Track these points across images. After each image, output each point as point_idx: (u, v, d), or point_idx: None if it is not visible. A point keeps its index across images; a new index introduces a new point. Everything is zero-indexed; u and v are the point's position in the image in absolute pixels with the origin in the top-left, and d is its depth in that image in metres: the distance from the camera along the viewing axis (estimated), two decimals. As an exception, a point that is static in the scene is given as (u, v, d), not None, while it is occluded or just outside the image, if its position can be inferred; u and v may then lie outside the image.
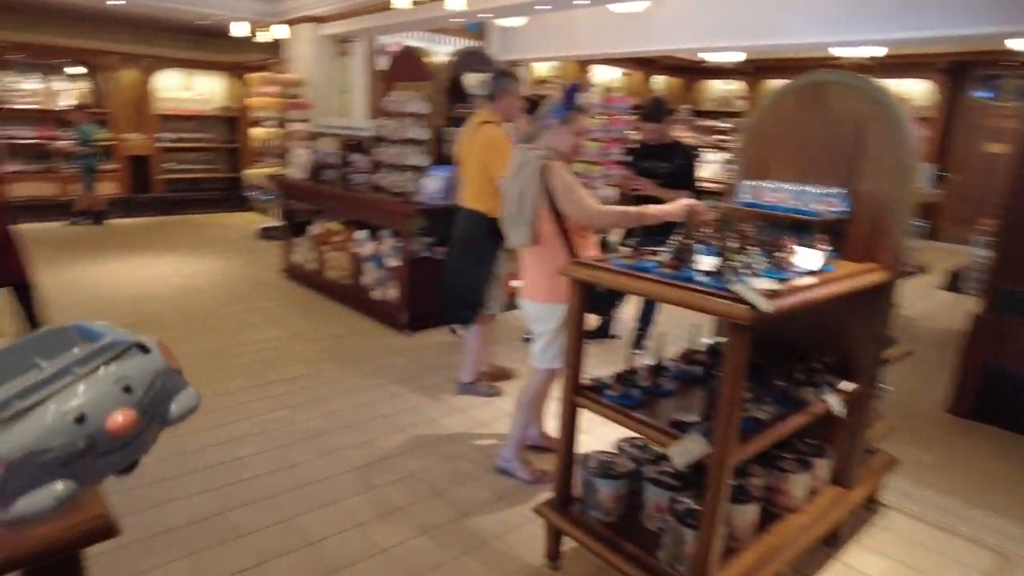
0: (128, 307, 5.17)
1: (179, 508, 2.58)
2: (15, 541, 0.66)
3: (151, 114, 9.52)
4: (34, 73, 8.84)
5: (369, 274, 5.08)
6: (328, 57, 8.64)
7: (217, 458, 2.96)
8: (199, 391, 0.87)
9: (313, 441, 3.15)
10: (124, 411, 0.30)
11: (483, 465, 2.97)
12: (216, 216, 9.55)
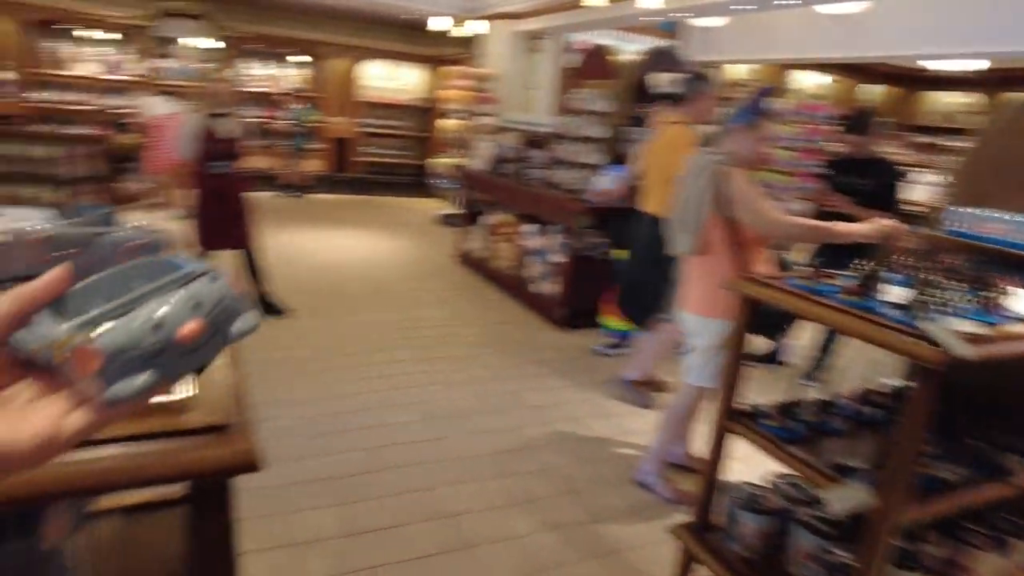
0: (318, 273, 5.73)
1: (333, 461, 2.81)
2: (177, 460, 0.76)
3: (355, 100, 10.43)
4: (268, 61, 10.06)
5: (532, 267, 5.18)
6: (519, 53, 8.90)
7: (374, 420, 3.19)
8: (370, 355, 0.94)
9: (462, 419, 3.27)
10: (193, 321, 0.36)
11: (622, 474, 2.90)
12: (403, 199, 10.27)
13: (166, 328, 0.37)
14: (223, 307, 0.41)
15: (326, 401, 3.37)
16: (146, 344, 0.37)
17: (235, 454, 0.82)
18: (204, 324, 0.39)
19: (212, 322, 0.40)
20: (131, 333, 0.36)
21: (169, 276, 0.40)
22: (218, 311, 0.40)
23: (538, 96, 8.82)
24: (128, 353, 0.36)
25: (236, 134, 4.26)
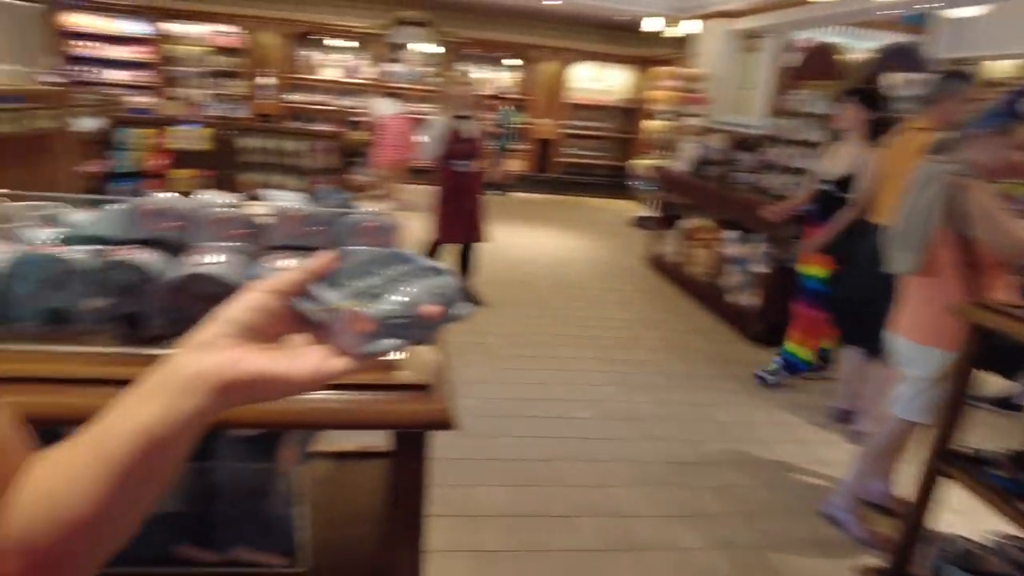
0: (512, 266, 6.01)
1: (511, 444, 2.95)
2: (385, 409, 0.89)
3: (561, 102, 10.70)
4: (482, 64, 10.69)
5: (730, 276, 4.96)
6: (733, 52, 8.52)
7: (553, 411, 3.29)
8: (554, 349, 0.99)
9: (640, 423, 3.26)
10: (434, 305, 0.46)
11: (807, 503, 2.69)
12: (599, 200, 10.36)
13: (416, 308, 0.47)
14: (450, 296, 0.50)
15: (510, 387, 3.54)
16: (399, 317, 0.47)
17: (433, 411, 0.94)
18: (442, 309, 0.49)
19: (447, 303, 0.49)
20: (391, 307, 0.47)
21: (409, 265, 0.51)
22: (447, 299, 0.50)
23: (751, 97, 8.38)
24: (385, 321, 0.46)
25: (476, 135, 4.55)
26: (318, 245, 1.14)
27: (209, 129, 5.37)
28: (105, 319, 1.02)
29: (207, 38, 9.92)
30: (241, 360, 0.44)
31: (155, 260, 1.03)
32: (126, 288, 1.01)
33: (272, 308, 0.47)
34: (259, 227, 1.13)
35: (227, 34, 9.85)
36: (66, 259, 0.99)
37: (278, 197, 1.26)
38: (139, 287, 1.01)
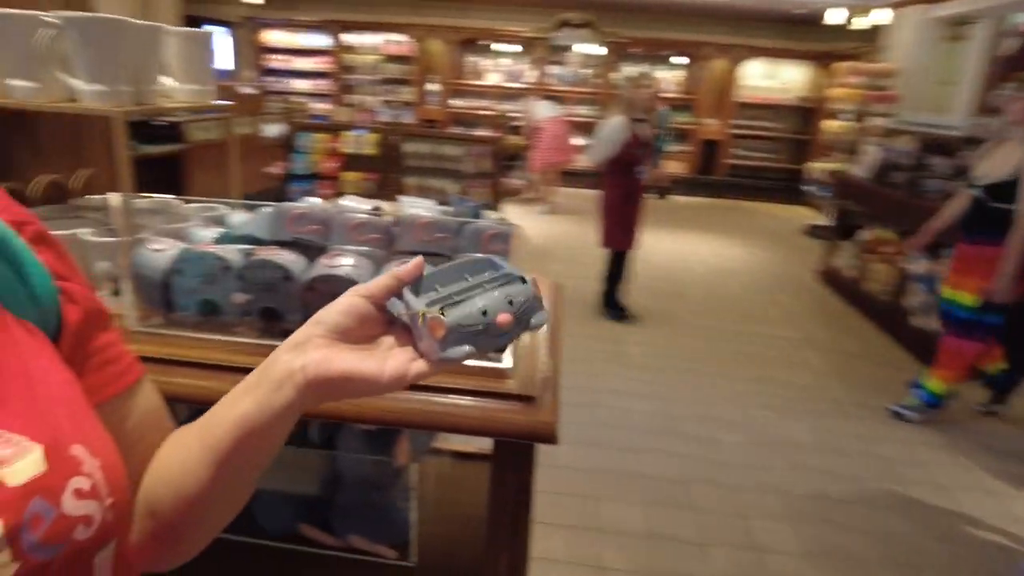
0: (662, 273, 5.82)
1: (647, 460, 2.85)
2: (487, 416, 0.89)
3: (730, 101, 10.17)
4: (645, 63, 10.46)
5: (915, 296, 4.41)
6: (932, 43, 7.58)
7: (696, 431, 3.13)
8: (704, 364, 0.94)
9: (793, 452, 3.00)
10: (506, 313, 0.48)
11: (994, 566, 2.32)
12: (768, 206, 9.73)
13: (489, 315, 0.49)
14: (527, 305, 0.52)
15: (651, 400, 3.42)
16: (474, 324, 0.49)
17: (535, 423, 0.92)
18: (513, 317, 0.50)
19: (518, 315, 0.51)
20: (467, 315, 0.49)
21: (492, 273, 0.53)
22: (524, 307, 0.51)
23: (951, 93, 7.42)
24: (462, 329, 0.48)
25: (649, 138, 4.43)
26: (442, 251, 1.17)
27: (376, 135, 5.77)
28: (248, 312, 1.12)
29: (380, 47, 10.69)
30: (330, 360, 0.48)
31: (294, 260, 1.11)
32: (268, 285, 1.10)
33: (364, 311, 0.50)
34: (389, 232, 1.18)
35: (398, 43, 10.54)
36: (220, 256, 1.10)
37: (412, 204, 1.31)
38: (279, 285, 1.09)
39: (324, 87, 10.86)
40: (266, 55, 10.87)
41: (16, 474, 0.38)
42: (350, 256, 1.09)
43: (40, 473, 0.39)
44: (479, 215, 1.29)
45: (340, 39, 10.60)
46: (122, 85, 1.07)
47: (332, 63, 10.75)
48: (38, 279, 0.48)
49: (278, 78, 10.85)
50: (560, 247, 6.58)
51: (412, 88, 10.61)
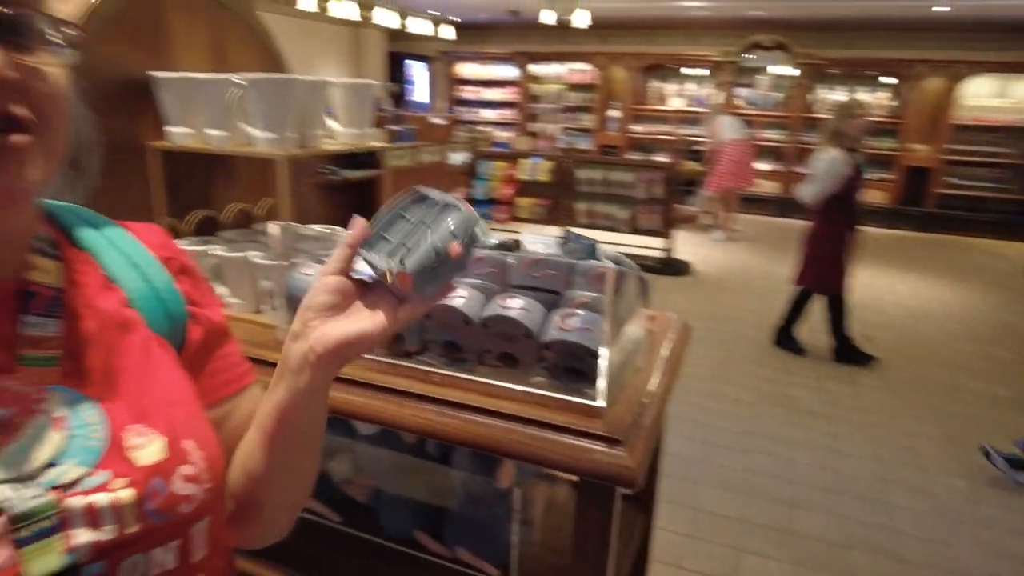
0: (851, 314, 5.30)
1: (801, 515, 2.63)
2: (564, 452, 0.92)
3: (946, 124, 9.02)
4: (843, 85, 9.65)
5: None
6: None
7: (867, 491, 2.83)
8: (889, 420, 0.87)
9: (981, 530, 2.60)
10: (454, 242, 0.54)
11: None
12: (986, 242, 8.48)
13: (441, 251, 0.55)
14: (467, 226, 0.57)
15: (817, 451, 3.15)
16: (433, 263, 0.55)
17: (616, 466, 0.93)
18: (462, 244, 0.56)
19: (464, 240, 0.56)
20: (424, 257, 0.55)
21: (428, 207, 0.58)
22: (466, 231, 0.57)
23: None
24: (424, 271, 0.55)
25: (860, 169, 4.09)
26: (553, 287, 1.22)
27: (550, 162, 5.96)
28: (377, 333, 1.25)
29: (564, 76, 11.02)
30: (327, 333, 0.55)
31: (416, 289, 1.22)
32: (393, 310, 1.22)
33: (338, 285, 0.57)
34: (504, 267, 1.25)
35: (582, 71, 10.79)
36: (356, 282, 1.24)
37: (532, 240, 1.37)
38: (402, 310, 1.21)
39: (510, 116, 11.43)
40: (459, 87, 11.72)
41: (145, 457, 0.51)
42: (464, 288, 1.18)
43: (161, 459, 0.52)
44: (594, 253, 1.32)
45: (527, 69, 11.11)
46: (289, 132, 1.26)
47: (518, 93, 11.31)
48: (173, 304, 0.63)
49: (469, 108, 11.64)
50: (734, 277, 6.28)
51: (593, 115, 10.80)
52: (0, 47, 0.44)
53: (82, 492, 0.47)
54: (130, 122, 1.37)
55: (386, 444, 1.42)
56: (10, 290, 0.52)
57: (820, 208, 4.01)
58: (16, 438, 0.47)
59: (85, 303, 0.56)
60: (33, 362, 0.51)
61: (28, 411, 0.48)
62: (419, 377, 1.17)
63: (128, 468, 0.50)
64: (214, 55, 1.55)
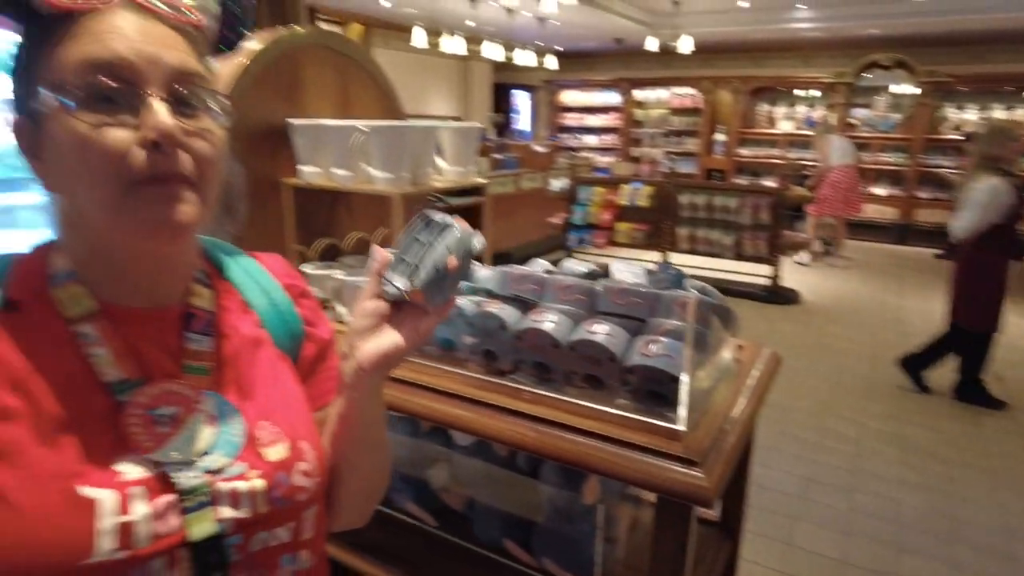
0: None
1: (917, 563, 2.49)
2: (642, 470, 0.98)
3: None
4: (973, 104, 8.98)
5: None
6: None
7: (988, 541, 2.64)
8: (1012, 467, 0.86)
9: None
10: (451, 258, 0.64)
11: None
12: None
13: (440, 267, 0.65)
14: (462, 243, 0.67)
15: (930, 494, 2.97)
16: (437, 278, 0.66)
17: (691, 485, 0.99)
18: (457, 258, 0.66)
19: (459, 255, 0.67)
20: (429, 275, 0.66)
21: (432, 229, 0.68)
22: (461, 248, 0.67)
23: None
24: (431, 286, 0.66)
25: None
26: (639, 315, 1.29)
27: (651, 187, 5.97)
28: (475, 352, 1.37)
29: (667, 100, 10.96)
30: (366, 351, 0.67)
31: (510, 313, 1.33)
32: (488, 331, 1.34)
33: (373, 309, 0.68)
34: (593, 294, 1.33)
35: (686, 95, 10.69)
36: (457, 305, 1.37)
37: (619, 269, 1.45)
38: (496, 332, 1.33)
39: (612, 142, 11.50)
40: (562, 114, 11.94)
41: (273, 454, 0.66)
42: (554, 313, 1.28)
43: (285, 457, 0.66)
44: (680, 283, 1.38)
45: (629, 95, 11.16)
46: (403, 172, 1.42)
47: (620, 118, 11.36)
48: (294, 324, 0.77)
49: (572, 134, 11.82)
50: (844, 307, 5.99)
51: (698, 139, 10.67)
52: (175, 116, 0.57)
53: (226, 478, 0.61)
54: (270, 161, 1.58)
55: (480, 456, 1.53)
56: (179, 312, 0.66)
57: (975, 240, 3.74)
58: (181, 430, 0.60)
59: (229, 325, 0.70)
60: (193, 371, 0.64)
61: (190, 409, 0.62)
62: (511, 394, 1.27)
63: (260, 462, 0.64)
64: (340, 100, 1.75)
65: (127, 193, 0.56)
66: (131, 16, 0.56)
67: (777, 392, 4.03)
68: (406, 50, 8.84)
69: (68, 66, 0.54)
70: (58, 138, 0.55)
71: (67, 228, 0.62)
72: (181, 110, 0.57)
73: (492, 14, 8.20)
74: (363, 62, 1.81)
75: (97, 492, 0.54)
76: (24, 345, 0.57)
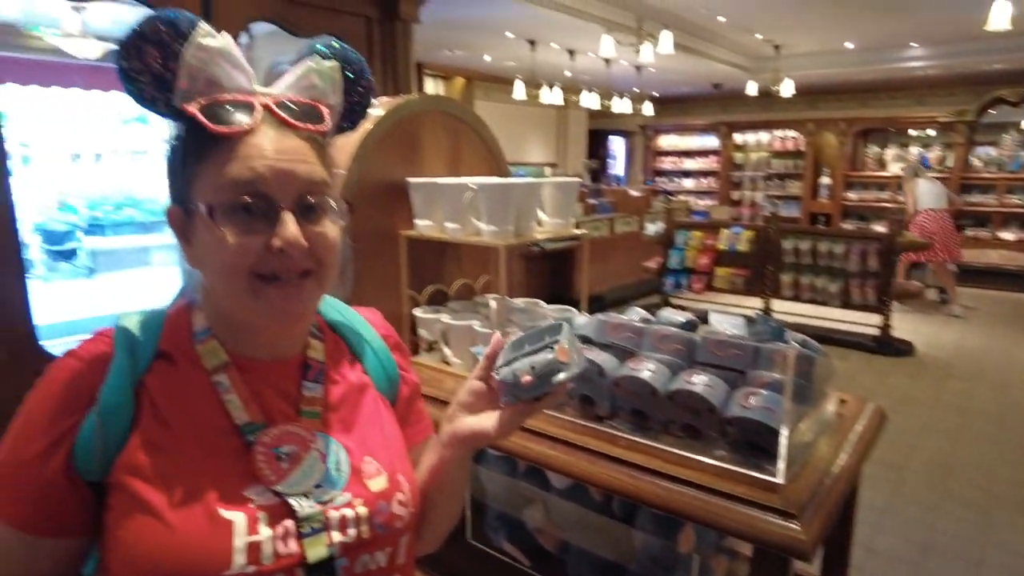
0: None
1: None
2: (739, 520, 1.00)
3: None
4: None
5: None
6: None
7: None
8: None
9: None
10: (528, 376, 0.69)
11: None
12: None
13: (517, 376, 0.71)
14: (548, 368, 0.71)
15: None
16: (511, 382, 0.72)
17: (787, 537, 0.99)
18: (533, 379, 0.70)
19: (537, 376, 0.71)
20: (506, 376, 0.72)
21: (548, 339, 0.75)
22: (543, 371, 0.71)
23: None
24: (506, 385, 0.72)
25: None
26: (737, 367, 1.31)
27: (751, 231, 5.84)
28: (572, 396, 1.43)
29: (768, 143, 10.72)
30: (461, 425, 0.76)
31: (608, 360, 1.38)
32: (586, 377, 1.39)
33: (476, 389, 0.77)
34: (691, 345, 1.37)
35: (789, 138, 10.43)
36: (557, 352, 1.44)
37: (719, 321, 1.47)
38: (595, 378, 1.38)
39: (710, 185, 11.37)
40: (658, 158, 11.95)
41: (374, 485, 0.75)
42: (652, 362, 1.32)
43: (385, 487, 0.76)
44: (781, 336, 1.38)
45: (728, 138, 11.03)
46: (508, 225, 1.53)
47: (719, 161, 11.23)
48: (391, 370, 0.88)
49: (669, 178, 11.79)
50: (965, 361, 5.56)
51: (801, 182, 10.35)
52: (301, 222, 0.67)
53: (335, 507, 0.70)
54: (389, 215, 1.74)
55: (576, 499, 1.57)
56: (297, 363, 0.77)
57: None
58: (299, 466, 0.71)
59: (338, 374, 0.81)
60: (307, 414, 0.75)
61: (306, 448, 0.72)
62: (608, 439, 1.31)
63: (365, 492, 0.73)
64: (451, 159, 1.90)
65: (255, 287, 0.67)
66: (272, 133, 0.68)
67: (888, 450, 3.78)
68: (505, 101, 9.20)
69: (218, 184, 0.66)
70: (204, 235, 0.68)
71: (205, 295, 0.75)
72: (307, 215, 0.68)
73: (589, 64, 8.42)
74: (473, 123, 1.96)
75: (233, 514, 0.64)
76: (175, 390, 0.70)
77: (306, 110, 0.70)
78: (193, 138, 0.67)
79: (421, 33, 5.33)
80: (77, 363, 0.68)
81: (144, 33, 0.63)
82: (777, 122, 10.47)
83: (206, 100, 0.66)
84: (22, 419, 0.67)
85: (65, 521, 0.66)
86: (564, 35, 7.05)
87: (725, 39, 7.99)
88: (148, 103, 0.67)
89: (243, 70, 0.69)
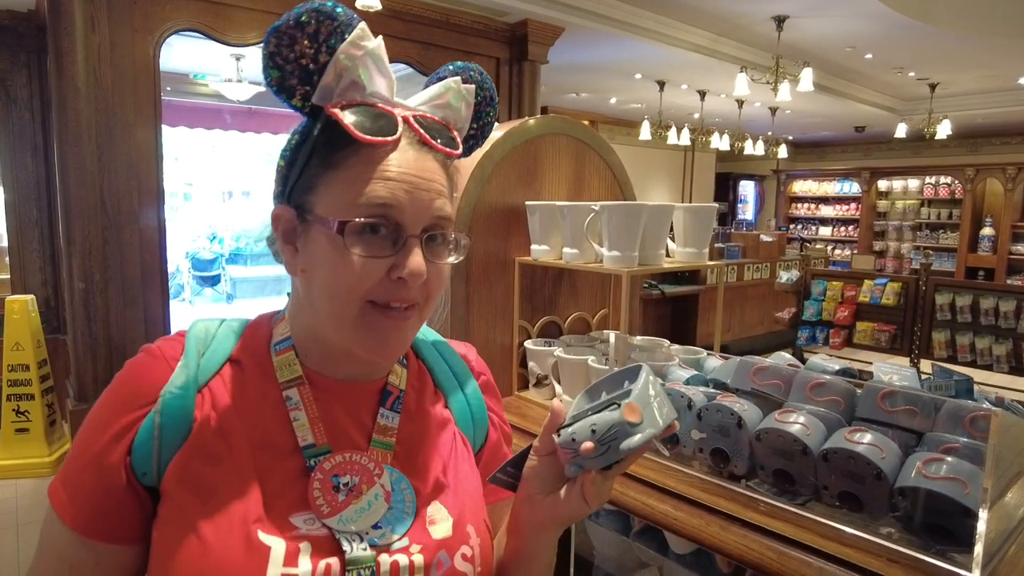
0: None
1: None
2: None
3: None
4: None
5: None
6: None
7: None
8: None
9: None
10: (589, 442, 0.59)
11: None
12: None
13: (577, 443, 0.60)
14: (613, 432, 0.59)
15: None
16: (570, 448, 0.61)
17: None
18: (595, 444, 0.59)
19: (599, 442, 0.59)
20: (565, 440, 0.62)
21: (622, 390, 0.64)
22: (607, 435, 0.59)
23: None
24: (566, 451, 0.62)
25: None
26: (911, 427, 1.07)
27: (897, 284, 5.28)
28: (702, 449, 1.24)
29: (917, 190, 9.82)
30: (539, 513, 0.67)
31: (748, 410, 1.19)
32: (721, 428, 1.20)
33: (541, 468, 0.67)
34: (850, 397, 1.15)
35: (942, 185, 9.50)
36: (685, 394, 1.26)
37: (886, 370, 1.24)
38: (731, 430, 1.19)
39: (848, 233, 10.58)
40: (792, 204, 11.30)
41: (437, 531, 0.65)
42: (803, 415, 1.11)
43: (448, 536, 0.65)
44: (969, 393, 1.13)
45: (871, 184, 10.25)
46: (633, 251, 1.38)
47: (859, 209, 10.44)
48: (478, 410, 0.78)
49: (803, 225, 11.10)
50: None
51: (957, 233, 9.37)
52: (425, 255, 0.62)
53: (390, 552, 0.61)
54: (504, 241, 1.65)
55: (699, 569, 1.36)
56: (377, 387, 0.70)
57: None
58: (359, 500, 0.62)
59: (418, 406, 0.72)
60: (378, 444, 0.67)
61: (370, 481, 0.64)
62: (745, 503, 1.11)
63: (426, 539, 0.63)
64: (574, 184, 1.79)
65: (365, 313, 0.61)
66: (411, 152, 0.62)
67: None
68: (630, 143, 9.09)
69: (352, 200, 0.60)
70: (320, 245, 0.61)
71: (295, 303, 0.69)
72: (429, 247, 0.63)
73: (719, 105, 8.15)
74: (598, 148, 1.84)
75: (272, 540, 0.57)
76: (240, 399, 0.63)
77: (441, 130, 0.65)
78: (326, 140, 0.61)
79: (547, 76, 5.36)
80: (147, 359, 0.64)
81: (301, 22, 0.59)
82: (929, 167, 9.58)
83: (347, 102, 0.61)
84: (91, 414, 0.63)
85: (126, 526, 0.61)
86: (695, 75, 6.87)
87: (871, 79, 7.45)
88: (283, 92, 0.61)
89: (388, 77, 0.64)
